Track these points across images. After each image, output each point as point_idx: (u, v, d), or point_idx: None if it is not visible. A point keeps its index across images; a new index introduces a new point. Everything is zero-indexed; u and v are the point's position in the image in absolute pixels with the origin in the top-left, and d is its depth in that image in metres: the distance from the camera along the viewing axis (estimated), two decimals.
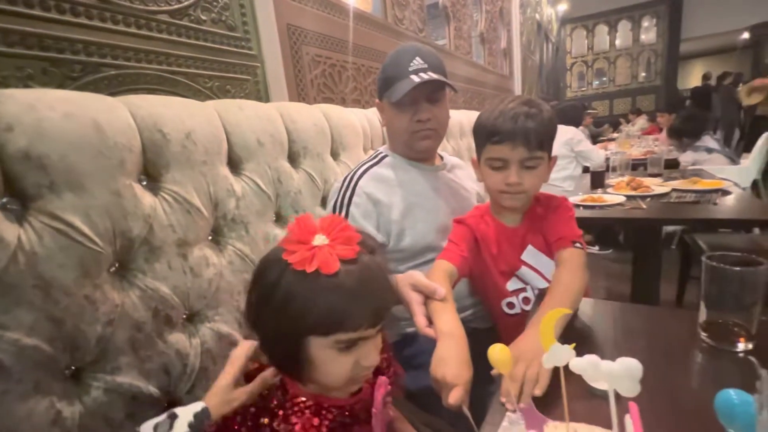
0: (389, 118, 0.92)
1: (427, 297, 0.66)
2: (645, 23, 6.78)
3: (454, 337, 0.59)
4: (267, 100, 0.98)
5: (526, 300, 0.84)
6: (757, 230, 1.97)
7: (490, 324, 0.93)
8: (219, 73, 0.86)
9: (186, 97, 0.69)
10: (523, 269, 0.83)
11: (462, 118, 1.83)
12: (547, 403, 0.47)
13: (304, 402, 0.48)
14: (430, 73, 0.84)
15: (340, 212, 0.85)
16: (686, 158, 2.56)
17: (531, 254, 0.83)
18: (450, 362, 0.55)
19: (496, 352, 0.40)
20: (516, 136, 0.72)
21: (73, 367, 0.48)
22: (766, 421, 0.24)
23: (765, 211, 1.36)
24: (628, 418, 0.30)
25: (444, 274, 0.73)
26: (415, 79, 0.83)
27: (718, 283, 0.54)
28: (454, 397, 0.50)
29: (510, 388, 0.47)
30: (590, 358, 0.31)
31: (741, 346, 0.53)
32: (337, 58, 1.28)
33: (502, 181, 0.76)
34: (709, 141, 2.64)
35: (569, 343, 0.36)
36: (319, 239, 0.43)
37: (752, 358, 0.30)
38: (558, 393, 0.49)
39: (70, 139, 0.49)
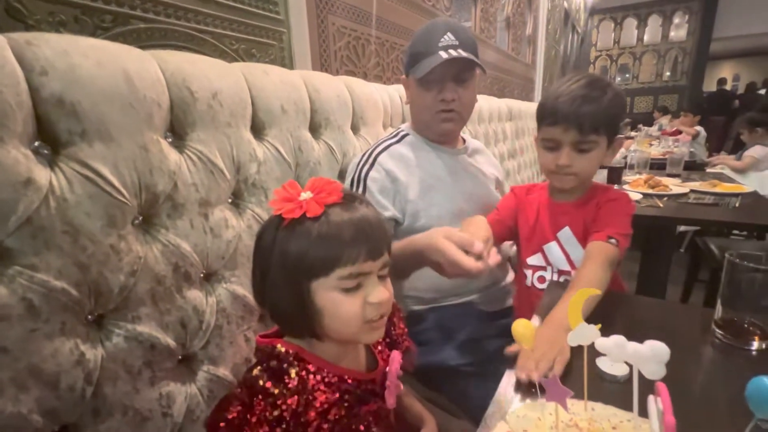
0: (413, 95, 0.89)
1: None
2: (676, 19, 6.53)
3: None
4: (291, 67, 0.97)
5: (541, 279, 0.84)
6: None
7: (498, 307, 0.93)
8: (245, 35, 0.85)
9: (212, 57, 0.68)
10: (553, 245, 0.83)
11: (482, 104, 1.80)
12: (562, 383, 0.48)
13: (322, 376, 0.48)
14: (460, 51, 0.81)
15: (357, 187, 0.84)
16: (755, 152, 2.58)
17: (566, 236, 0.82)
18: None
19: (521, 327, 0.40)
20: (569, 120, 0.72)
21: (96, 313, 0.49)
22: None
23: None
24: (651, 400, 0.31)
25: (482, 222, 0.76)
26: (444, 55, 0.80)
27: (738, 280, 0.54)
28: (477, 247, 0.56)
29: (526, 362, 0.48)
30: (616, 339, 0.31)
31: (755, 344, 0.53)
32: (361, 31, 1.26)
33: (552, 162, 0.76)
34: None
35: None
36: (305, 195, 0.46)
37: None
38: (572, 373, 0.50)
39: (102, 88, 0.49)
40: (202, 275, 0.62)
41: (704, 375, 0.52)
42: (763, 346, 0.53)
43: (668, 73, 6.72)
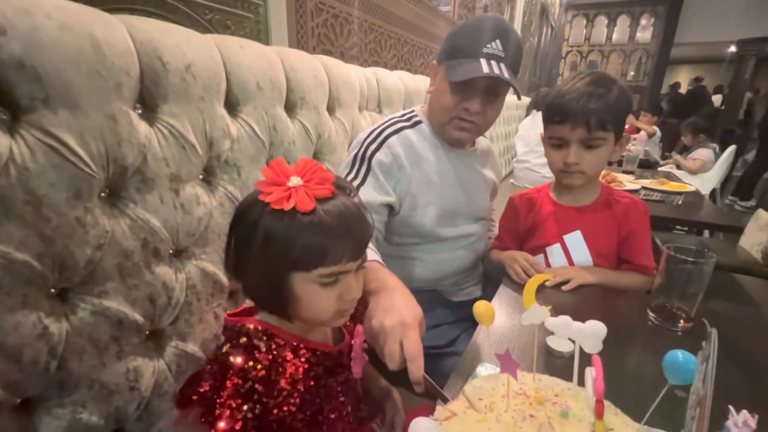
0: (439, 88, 0.84)
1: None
2: (643, 21, 6.80)
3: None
4: (267, 42, 0.94)
5: None
6: (706, 234, 2.14)
7: (465, 298, 0.97)
8: (220, 5, 0.81)
9: (184, 26, 0.65)
10: (556, 247, 0.83)
11: None
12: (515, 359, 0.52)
13: (291, 348, 0.50)
14: (502, 66, 0.77)
15: (360, 165, 0.81)
16: (701, 155, 2.77)
17: (575, 240, 0.81)
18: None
19: (481, 307, 0.44)
20: (576, 118, 0.72)
21: (60, 287, 0.48)
22: (708, 371, 0.29)
23: (716, 217, 1.49)
24: (588, 371, 0.35)
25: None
26: (484, 67, 0.75)
27: (673, 271, 0.60)
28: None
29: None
30: (563, 318, 0.35)
31: (681, 325, 0.60)
32: (340, 9, 1.23)
33: (560, 160, 0.77)
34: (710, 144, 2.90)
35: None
36: (294, 180, 0.45)
37: (704, 320, 0.35)
38: (524, 351, 0.55)
39: (67, 53, 0.46)
40: (171, 251, 0.61)
41: (637, 351, 0.58)
42: (688, 326, 0.60)
43: (632, 73, 7.03)
